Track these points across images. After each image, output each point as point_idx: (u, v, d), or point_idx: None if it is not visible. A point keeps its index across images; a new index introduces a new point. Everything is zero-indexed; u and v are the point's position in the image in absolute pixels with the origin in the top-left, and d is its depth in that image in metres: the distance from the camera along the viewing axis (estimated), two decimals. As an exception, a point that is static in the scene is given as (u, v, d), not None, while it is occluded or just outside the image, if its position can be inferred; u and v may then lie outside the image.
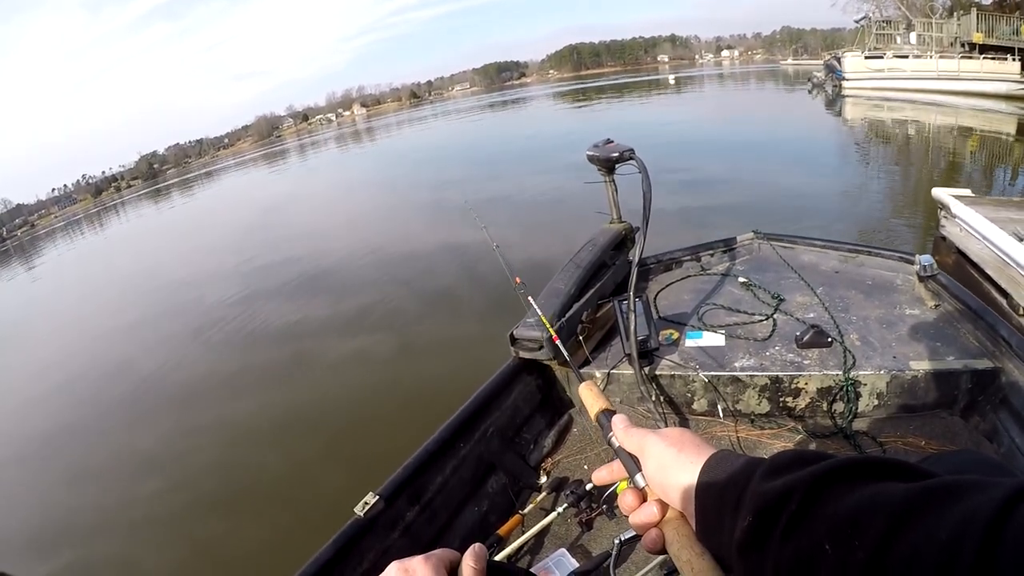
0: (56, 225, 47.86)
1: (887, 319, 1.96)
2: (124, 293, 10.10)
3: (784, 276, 2.41)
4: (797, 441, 1.75)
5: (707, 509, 0.43)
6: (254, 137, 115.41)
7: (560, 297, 2.08)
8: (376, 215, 11.04)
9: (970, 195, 4.38)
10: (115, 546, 3.37)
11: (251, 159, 49.88)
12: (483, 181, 12.15)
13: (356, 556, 1.45)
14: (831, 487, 0.35)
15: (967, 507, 0.28)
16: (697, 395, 1.92)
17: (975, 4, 17.21)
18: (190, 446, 4.20)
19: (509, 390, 2.01)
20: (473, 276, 6.01)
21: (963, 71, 14.35)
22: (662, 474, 0.47)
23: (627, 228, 2.56)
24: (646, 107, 24.45)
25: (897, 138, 11.05)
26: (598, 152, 2.22)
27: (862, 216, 6.14)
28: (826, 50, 39.21)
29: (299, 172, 26.76)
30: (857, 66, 17.40)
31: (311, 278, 7.58)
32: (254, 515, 3.26)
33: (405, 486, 1.59)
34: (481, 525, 1.71)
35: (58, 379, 6.40)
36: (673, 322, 2.21)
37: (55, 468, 4.46)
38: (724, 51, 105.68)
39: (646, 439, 0.50)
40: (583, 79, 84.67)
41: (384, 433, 3.52)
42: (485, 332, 4.16)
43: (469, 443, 1.82)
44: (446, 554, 0.45)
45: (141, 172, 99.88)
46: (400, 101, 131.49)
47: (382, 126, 51.28)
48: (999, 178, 7.52)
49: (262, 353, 5.57)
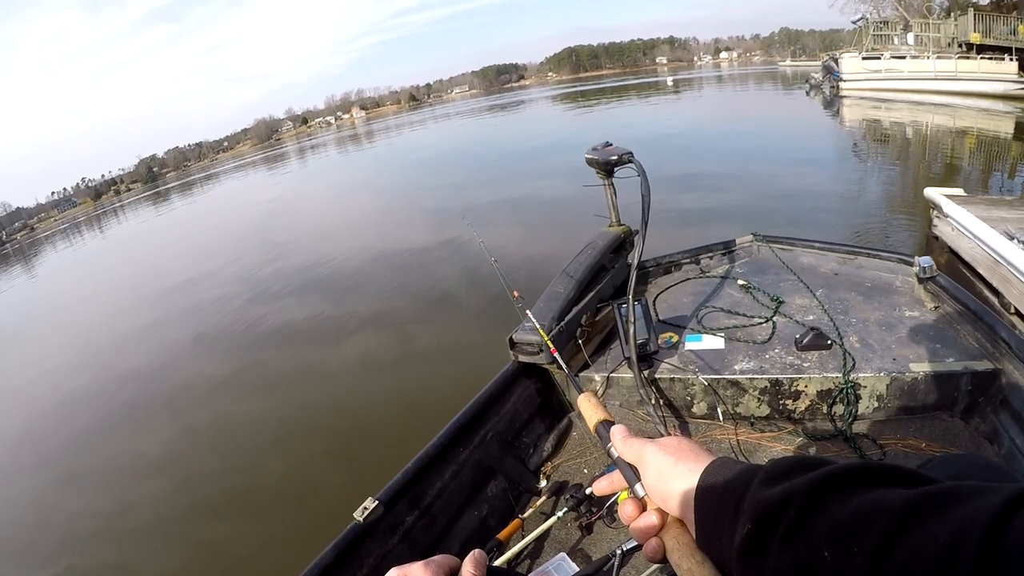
0: (56, 228, 47.86)
1: (887, 321, 1.96)
2: (124, 297, 10.10)
3: (783, 278, 2.41)
4: (797, 444, 1.75)
5: (706, 517, 0.43)
6: (253, 140, 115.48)
7: (559, 300, 2.07)
8: (376, 220, 11.04)
9: (962, 194, 4.43)
10: (113, 550, 3.36)
11: (250, 162, 49.93)
12: (483, 185, 12.16)
13: (356, 561, 1.45)
14: (830, 494, 0.35)
15: (966, 513, 0.28)
16: (697, 398, 1.92)
17: (972, 4, 17.25)
18: (189, 450, 4.20)
19: (508, 394, 2.01)
20: (473, 280, 6.00)
21: (960, 71, 14.39)
22: (661, 483, 0.47)
23: (626, 231, 2.56)
24: (645, 110, 24.48)
25: (895, 139, 11.08)
26: (597, 155, 2.22)
27: (860, 217, 6.15)
28: (824, 51, 39.25)
29: (298, 176, 26.79)
30: (854, 67, 17.44)
31: (310, 283, 7.58)
32: (254, 520, 3.26)
33: (405, 491, 1.59)
34: (481, 530, 1.71)
35: (58, 384, 6.39)
36: (672, 325, 2.20)
37: (53, 471, 4.45)
38: (723, 53, 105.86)
39: (644, 448, 0.50)
40: (582, 81, 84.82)
41: (384, 438, 3.51)
42: (484, 336, 4.16)
43: (468, 447, 1.81)
44: (446, 560, 0.46)
45: (140, 175, 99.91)
46: (399, 104, 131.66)
47: (381, 129, 51.35)
48: (997, 178, 7.54)
49: (262, 357, 5.57)
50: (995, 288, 3.32)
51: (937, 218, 4.30)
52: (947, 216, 4.08)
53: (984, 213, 3.85)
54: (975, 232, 3.65)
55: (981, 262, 3.54)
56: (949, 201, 4.13)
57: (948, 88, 14.29)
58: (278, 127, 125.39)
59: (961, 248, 3.88)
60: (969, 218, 3.79)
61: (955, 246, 3.98)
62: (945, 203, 4.14)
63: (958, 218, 3.91)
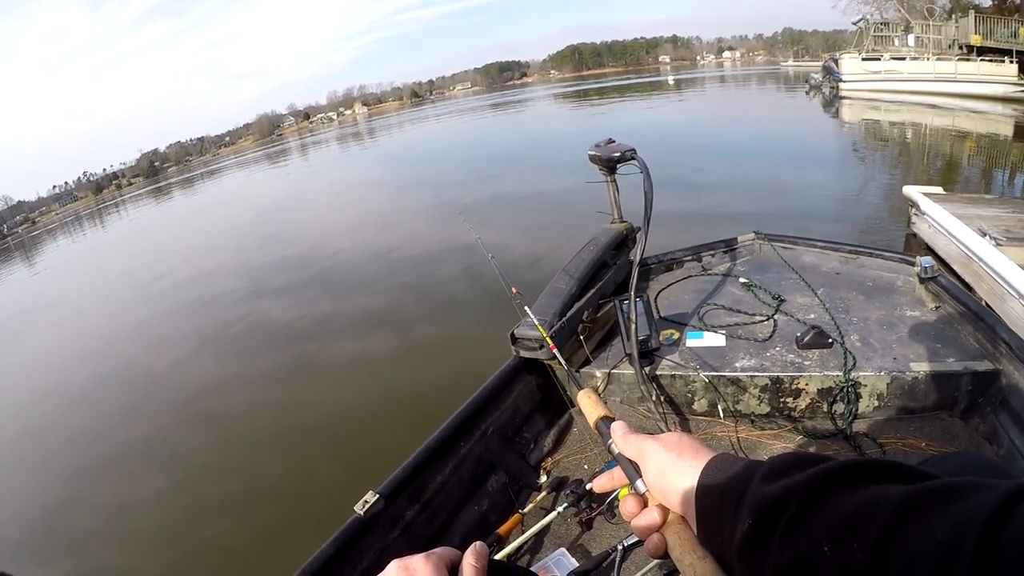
0: (57, 222, 47.83)
1: (887, 320, 1.96)
2: (125, 292, 10.11)
3: (785, 277, 2.42)
4: (797, 442, 1.75)
5: (707, 513, 0.44)
6: (255, 136, 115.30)
7: (561, 296, 2.08)
8: (378, 215, 11.03)
9: (941, 192, 4.50)
10: (113, 545, 3.37)
11: (252, 158, 49.85)
12: (484, 180, 12.15)
13: (356, 554, 1.45)
14: (830, 489, 0.36)
15: (965, 508, 0.29)
16: (697, 395, 1.92)
17: (974, 6, 17.21)
18: (189, 445, 4.20)
19: (509, 389, 2.01)
20: (475, 275, 6.01)
21: (960, 73, 14.37)
22: (662, 479, 0.48)
23: (628, 228, 2.57)
24: (645, 109, 24.45)
25: (894, 140, 11.07)
26: (599, 152, 2.22)
27: (857, 217, 6.15)
28: (827, 52, 39.16)
29: (300, 172, 26.74)
30: (854, 68, 17.41)
31: (311, 278, 7.58)
32: (255, 514, 3.26)
33: (405, 485, 1.60)
34: (481, 524, 1.71)
35: (57, 379, 6.40)
36: (674, 322, 2.21)
37: (54, 468, 4.45)
38: (725, 52, 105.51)
39: (645, 445, 0.50)
40: (584, 79, 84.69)
41: (384, 432, 3.52)
42: (486, 331, 4.16)
43: (469, 442, 1.82)
44: (447, 553, 0.45)
45: (142, 170, 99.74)
46: (401, 100, 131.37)
47: (383, 125, 51.26)
48: (996, 179, 7.53)
49: (262, 352, 5.58)
50: (968, 284, 3.37)
51: (915, 215, 4.36)
52: (924, 213, 4.15)
53: (960, 211, 3.92)
54: (949, 229, 3.72)
55: (955, 258, 3.59)
56: (926, 199, 4.20)
57: (948, 90, 14.26)
58: (280, 123, 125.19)
59: (937, 245, 3.93)
60: (944, 215, 3.86)
61: (931, 243, 4.04)
62: (922, 200, 4.21)
63: (934, 215, 3.98)
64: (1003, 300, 2.97)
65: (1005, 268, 3.04)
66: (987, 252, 3.24)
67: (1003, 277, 3.02)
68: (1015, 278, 2.93)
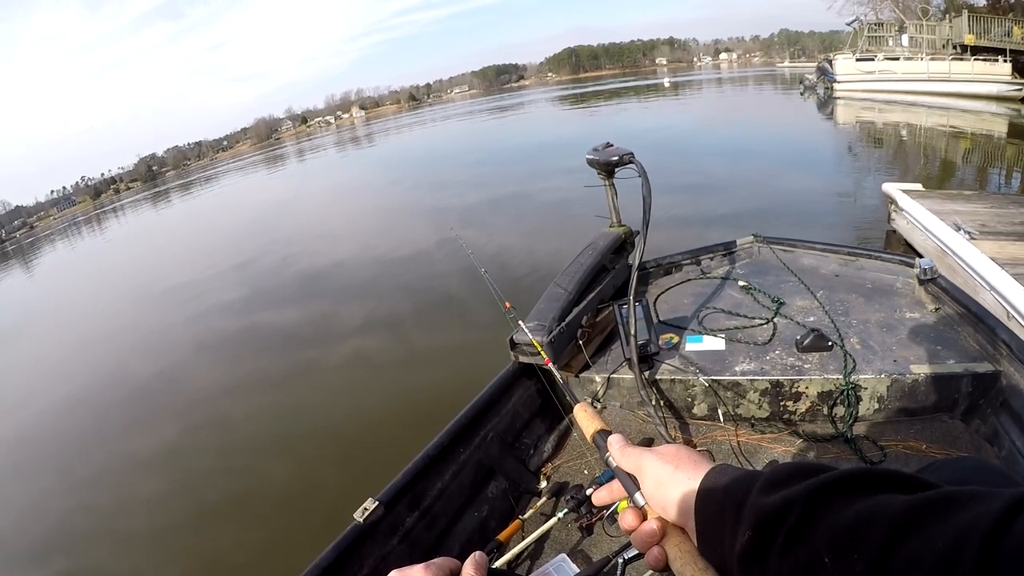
0: (56, 228, 47.74)
1: (887, 323, 1.96)
2: (122, 297, 10.08)
3: (784, 280, 2.42)
4: (797, 446, 1.75)
5: (707, 524, 0.43)
6: (253, 140, 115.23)
7: (560, 301, 2.07)
8: (375, 221, 11.03)
9: (920, 189, 4.56)
10: (112, 551, 3.35)
11: (250, 162, 49.84)
12: (480, 185, 12.16)
13: (356, 562, 1.44)
14: (830, 500, 0.36)
15: (965, 518, 0.29)
16: (697, 399, 1.92)
17: (968, 6, 17.29)
18: (189, 451, 4.18)
19: (509, 395, 2.01)
20: (472, 280, 6.00)
21: (954, 73, 14.43)
22: (661, 491, 0.47)
23: (627, 232, 2.57)
24: (643, 111, 24.51)
25: (888, 139, 11.10)
26: (598, 156, 2.22)
27: (848, 215, 6.17)
28: (823, 53, 39.33)
29: (298, 176, 26.75)
30: (848, 68, 17.50)
31: (308, 285, 7.57)
32: (254, 521, 3.25)
33: (405, 492, 1.59)
34: (481, 531, 1.71)
35: (55, 384, 6.37)
36: (673, 326, 2.20)
37: (50, 473, 4.43)
38: (722, 54, 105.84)
39: (643, 457, 0.50)
40: (581, 82, 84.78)
41: (384, 438, 3.51)
42: (485, 336, 4.15)
43: (469, 448, 1.81)
44: (446, 563, 0.46)
45: (140, 174, 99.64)
46: (399, 104, 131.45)
47: (381, 129, 51.29)
48: (994, 179, 7.55)
49: (261, 358, 5.56)
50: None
51: (894, 212, 4.42)
52: (902, 210, 4.21)
53: (938, 207, 3.98)
54: (925, 224, 3.79)
55: (931, 253, 3.64)
56: (904, 195, 4.27)
57: (941, 89, 14.33)
58: (278, 126, 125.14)
59: (915, 241, 4.00)
60: (920, 211, 3.92)
61: (909, 239, 4.11)
62: (900, 197, 4.28)
63: (911, 211, 4.04)
64: (976, 293, 3.00)
65: (977, 261, 3.09)
66: (960, 246, 3.30)
67: (975, 270, 3.07)
68: (987, 271, 2.98)
